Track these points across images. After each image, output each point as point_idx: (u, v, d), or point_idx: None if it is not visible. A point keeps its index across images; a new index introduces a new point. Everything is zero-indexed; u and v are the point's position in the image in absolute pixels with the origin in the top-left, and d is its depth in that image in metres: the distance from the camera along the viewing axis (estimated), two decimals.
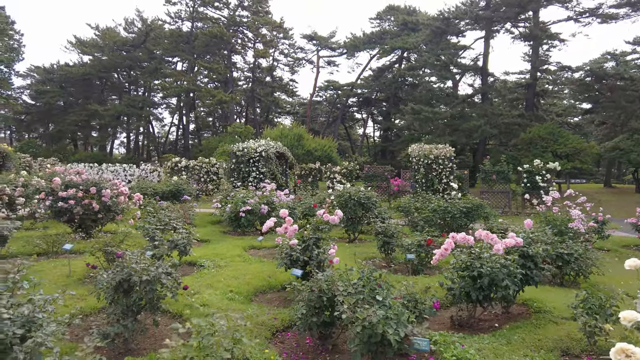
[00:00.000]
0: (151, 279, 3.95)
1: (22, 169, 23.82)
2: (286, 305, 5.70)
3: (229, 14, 44.64)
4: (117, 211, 9.28)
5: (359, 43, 43.03)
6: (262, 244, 9.71)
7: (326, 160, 24.61)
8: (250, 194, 11.03)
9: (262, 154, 15.23)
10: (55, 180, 8.59)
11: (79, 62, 50.24)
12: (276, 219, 6.54)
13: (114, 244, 6.21)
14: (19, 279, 3.43)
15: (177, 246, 6.71)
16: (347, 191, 10.55)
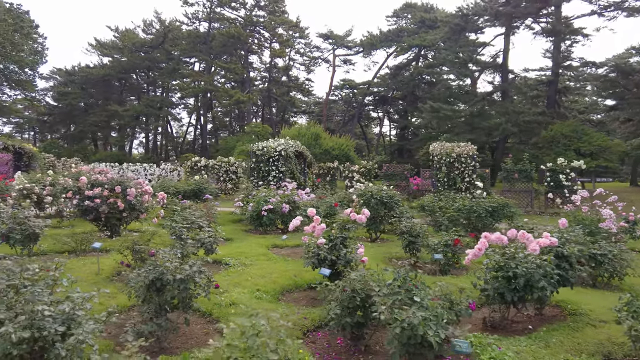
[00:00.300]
0: (185, 277, 3.95)
1: (47, 168, 24.36)
2: (314, 305, 5.65)
3: (246, 14, 44.87)
4: (141, 210, 9.37)
5: (376, 41, 42.77)
6: (284, 243, 9.69)
7: (344, 159, 24.49)
8: (272, 192, 11.03)
9: (282, 153, 15.24)
10: (82, 179, 8.72)
11: (99, 63, 51.22)
12: (302, 218, 6.51)
13: (142, 243, 6.25)
14: (58, 277, 3.46)
15: (203, 245, 6.73)
16: (369, 190, 10.46)
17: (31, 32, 43.17)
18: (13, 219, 6.79)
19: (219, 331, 4.69)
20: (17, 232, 6.64)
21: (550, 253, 5.28)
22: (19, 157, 22.44)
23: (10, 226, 6.69)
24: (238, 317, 4.91)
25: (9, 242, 6.81)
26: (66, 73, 51.10)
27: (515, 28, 30.37)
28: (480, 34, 33.93)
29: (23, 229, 6.68)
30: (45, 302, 3.07)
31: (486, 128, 27.33)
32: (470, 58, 29.96)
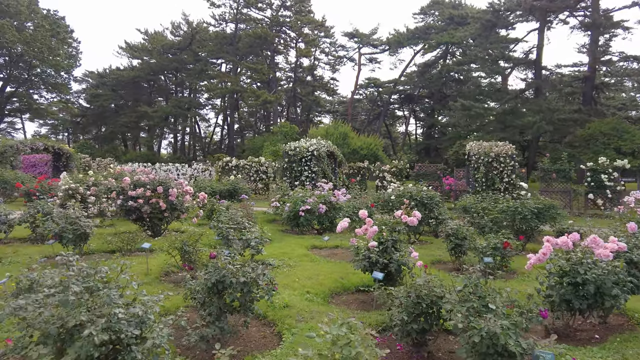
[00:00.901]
0: (248, 280, 3.90)
1: (83, 168, 25.09)
2: (366, 309, 5.54)
3: (272, 14, 45.08)
4: (182, 210, 9.45)
5: (403, 39, 42.23)
6: (323, 244, 9.62)
7: (372, 158, 24.26)
8: (308, 193, 10.96)
9: (314, 153, 15.17)
10: (125, 180, 8.86)
11: (129, 66, 52.50)
12: (349, 220, 6.40)
13: (190, 243, 6.27)
14: (129, 279, 3.46)
15: (250, 245, 6.71)
16: (409, 191, 10.26)
17: (66, 37, 44.65)
18: (65, 219, 6.93)
19: (276, 334, 4.64)
20: (69, 232, 6.78)
21: (618, 259, 5.01)
22: (58, 158, 23.21)
23: (62, 226, 6.83)
24: (292, 319, 4.85)
25: (62, 241, 6.95)
26: (98, 75, 52.61)
27: (550, 22, 29.38)
28: (511, 30, 33.01)
29: (74, 228, 6.81)
30: (119, 304, 3.06)
31: (519, 126, 26.54)
32: (502, 55, 29.16)
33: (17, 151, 20.93)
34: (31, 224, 8.33)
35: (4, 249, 7.72)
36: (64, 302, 2.88)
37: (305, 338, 4.27)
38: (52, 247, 7.32)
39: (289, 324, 4.64)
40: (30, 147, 21.65)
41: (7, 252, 7.46)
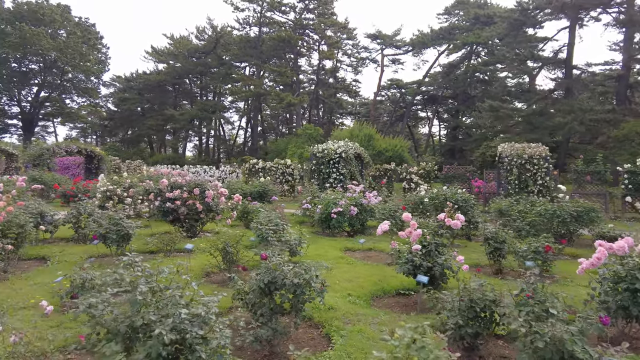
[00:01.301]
0: (301, 282, 3.92)
1: (113, 170, 25.77)
2: (408, 312, 5.49)
3: (295, 17, 45.37)
4: (217, 211, 9.59)
5: (427, 39, 41.86)
6: (357, 246, 9.60)
7: (397, 160, 24.11)
8: (339, 195, 10.95)
9: (342, 155, 15.17)
10: (163, 181, 9.04)
11: (154, 70, 53.76)
12: (390, 222, 6.36)
13: (232, 244, 6.35)
14: (189, 279, 3.53)
15: (289, 247, 6.75)
16: (443, 193, 10.14)
17: (96, 43, 46.09)
18: (109, 220, 7.13)
19: (323, 336, 4.64)
20: (113, 233, 6.96)
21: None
22: (90, 160, 23.88)
23: (106, 227, 7.02)
24: (339, 321, 4.85)
25: (106, 242, 7.14)
26: (125, 80, 54.05)
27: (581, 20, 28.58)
28: (539, 29, 32.32)
29: (118, 229, 6.99)
30: (183, 304, 3.13)
31: (549, 127, 25.90)
32: (531, 54, 28.51)
33: (53, 154, 21.65)
34: (74, 224, 8.59)
35: (51, 248, 7.99)
36: (133, 302, 2.96)
37: (357, 340, 4.26)
38: (97, 247, 7.53)
39: (336, 326, 4.64)
40: (65, 149, 22.36)
41: (55, 251, 7.71)
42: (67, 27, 42.84)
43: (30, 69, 43.18)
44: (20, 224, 6.80)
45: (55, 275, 6.33)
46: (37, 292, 5.56)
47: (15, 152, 26.85)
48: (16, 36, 37.56)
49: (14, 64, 41.75)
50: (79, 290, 5.11)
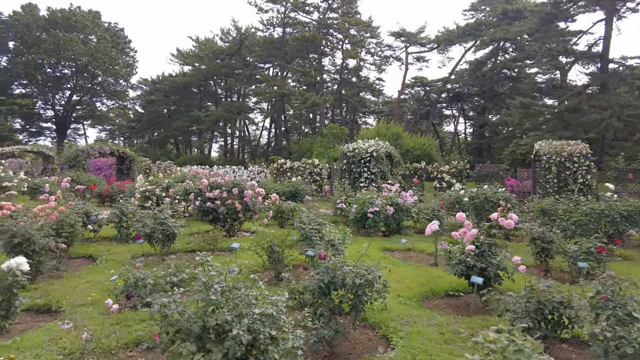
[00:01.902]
0: (364, 282, 3.85)
1: (143, 171, 26.30)
2: (462, 314, 5.34)
3: (319, 17, 45.38)
4: (255, 210, 9.62)
5: (453, 36, 41.18)
6: (393, 246, 9.48)
7: (426, 159, 23.76)
8: (375, 194, 10.84)
9: (373, 154, 15.03)
10: (203, 182, 9.13)
11: (180, 72, 54.71)
12: (439, 222, 6.23)
13: (278, 243, 6.34)
14: (257, 279, 3.51)
15: (333, 246, 6.69)
16: (483, 192, 9.90)
17: (125, 47, 47.26)
18: (154, 219, 7.23)
19: (381, 337, 4.56)
20: (159, 232, 7.05)
21: None
22: (122, 161, 24.44)
23: (152, 227, 7.12)
24: (395, 322, 4.76)
25: (151, 241, 7.25)
26: (151, 82, 55.21)
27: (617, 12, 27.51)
28: (571, 22, 31.29)
29: (164, 229, 7.07)
30: (254, 303, 3.10)
31: (583, 124, 25.03)
32: (565, 49, 27.60)
33: (88, 155, 22.26)
34: (117, 224, 8.76)
35: (97, 247, 8.17)
36: (207, 302, 2.94)
37: (419, 342, 4.16)
38: (141, 246, 7.65)
39: (393, 327, 4.55)
40: (99, 151, 22.95)
41: (102, 250, 7.89)
42: (97, 33, 44.08)
43: (63, 74, 44.61)
44: (71, 224, 6.97)
45: (105, 273, 6.47)
46: (92, 289, 5.68)
47: (51, 154, 27.80)
48: (51, 42, 38.86)
49: (48, 69, 43.21)
50: (132, 289, 5.19)
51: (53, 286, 5.82)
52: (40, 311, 5.23)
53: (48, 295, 5.48)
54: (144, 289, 5.26)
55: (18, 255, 6.03)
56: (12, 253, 5.97)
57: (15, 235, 5.82)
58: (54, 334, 4.32)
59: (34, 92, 46.35)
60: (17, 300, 4.61)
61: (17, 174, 17.49)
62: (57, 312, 5.18)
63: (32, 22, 39.51)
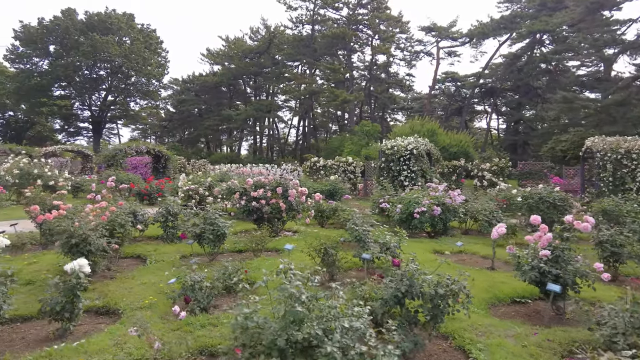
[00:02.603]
0: (446, 292, 3.56)
1: (178, 169, 26.68)
2: (534, 323, 4.97)
3: (348, 13, 44.93)
4: (299, 210, 9.43)
5: (487, 30, 39.89)
6: (442, 248, 9.11)
7: (463, 156, 23.05)
8: (421, 193, 10.47)
9: (413, 151, 14.61)
10: (248, 181, 9.01)
11: (210, 71, 55.40)
12: (505, 225, 5.84)
13: (331, 245, 6.11)
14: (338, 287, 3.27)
15: (388, 248, 6.41)
16: (538, 192, 9.38)
17: (157, 48, 48.19)
18: (203, 219, 7.13)
19: (456, 348, 4.25)
20: (209, 232, 6.94)
21: None
22: (157, 160, 24.86)
23: (202, 227, 7.02)
24: (469, 333, 4.45)
25: (201, 241, 7.15)
26: (182, 82, 56.13)
27: None
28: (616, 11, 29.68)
29: (214, 229, 6.96)
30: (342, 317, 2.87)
31: (633, 118, 23.69)
32: (613, 39, 26.17)
33: (125, 154, 22.72)
34: (163, 223, 8.74)
35: (144, 247, 8.17)
36: (294, 314, 2.73)
37: (501, 356, 3.84)
38: (189, 246, 7.58)
39: (469, 338, 4.24)
40: (136, 150, 23.40)
41: (150, 250, 7.87)
42: (130, 34, 45.12)
43: (99, 75, 45.93)
44: (122, 224, 6.96)
45: (157, 274, 6.40)
46: (147, 291, 5.60)
47: (90, 154, 28.61)
48: (88, 45, 40.02)
49: (86, 71, 44.57)
50: (190, 292, 5.07)
51: (108, 287, 5.78)
52: (99, 313, 5.19)
53: (105, 296, 5.44)
54: (200, 292, 5.14)
55: (75, 255, 6.05)
56: (69, 254, 5.98)
57: (72, 236, 5.82)
58: (117, 338, 4.24)
59: (72, 94, 47.95)
60: (80, 302, 4.56)
61: (62, 172, 18.03)
62: (114, 313, 5.12)
63: (71, 26, 40.80)
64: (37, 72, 43.44)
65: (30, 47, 41.64)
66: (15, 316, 4.91)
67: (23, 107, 49.16)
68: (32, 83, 42.97)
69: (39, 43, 41.34)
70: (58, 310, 4.40)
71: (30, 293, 5.56)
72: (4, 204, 14.77)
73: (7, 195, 15.37)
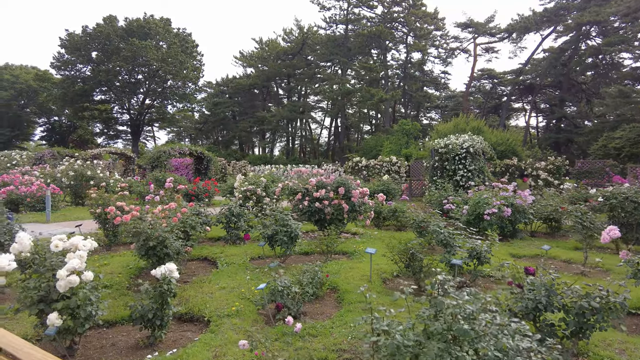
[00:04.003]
0: (602, 305, 3.07)
1: (219, 170, 26.82)
2: None
3: (383, 11, 44.26)
4: (361, 211, 9.04)
5: (530, 23, 38.33)
6: (519, 252, 8.50)
7: (510, 155, 22.08)
8: (489, 194, 9.86)
9: (470, 149, 13.94)
10: (311, 181, 8.70)
11: (243, 74, 55.86)
12: (616, 228, 5.24)
13: (418, 249, 5.67)
14: (497, 300, 2.84)
15: (478, 254, 5.90)
16: (621, 191, 8.62)
17: (193, 52, 48.94)
18: (275, 220, 6.84)
19: None
20: (283, 234, 6.64)
21: None
22: (199, 161, 25.03)
23: (274, 228, 6.73)
24: (602, 350, 3.92)
25: (272, 243, 6.87)
26: (216, 85, 56.87)
27: None
28: None
29: (287, 230, 6.65)
30: (511, 336, 2.44)
31: None
32: None
33: (169, 156, 22.96)
34: (226, 224, 8.54)
35: (210, 249, 7.97)
36: (462, 333, 2.32)
37: None
38: (262, 249, 7.32)
39: (609, 356, 3.71)
40: (179, 151, 23.63)
41: (216, 252, 7.66)
42: (167, 39, 46.00)
43: (137, 79, 47.06)
44: (192, 226, 6.77)
45: (233, 278, 6.14)
46: (229, 297, 5.33)
47: (132, 156, 29.18)
48: (128, 50, 41.05)
49: (125, 75, 45.77)
50: (280, 299, 4.76)
51: (187, 292, 5.55)
52: (182, 319, 4.95)
53: (187, 302, 5.20)
54: (289, 298, 4.83)
55: (151, 258, 5.88)
56: (145, 256, 5.80)
57: (149, 238, 5.63)
58: (215, 349, 3.96)
59: (112, 98, 49.36)
60: (170, 310, 4.32)
61: (112, 174, 18.33)
62: (199, 321, 4.87)
63: (112, 33, 41.95)
64: (80, 78, 44.94)
65: (75, 54, 43.10)
66: (100, 320, 4.73)
67: (67, 112, 51.06)
68: (76, 89, 44.49)
69: (83, 50, 42.73)
70: (150, 317, 4.18)
71: (109, 296, 5.40)
72: (59, 205, 15.09)
73: (61, 196, 15.70)
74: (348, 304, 5.12)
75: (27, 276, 4.07)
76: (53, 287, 3.90)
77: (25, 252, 4.20)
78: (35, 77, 49.00)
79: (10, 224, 7.78)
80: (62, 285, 3.70)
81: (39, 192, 14.22)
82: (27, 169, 18.22)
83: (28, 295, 3.87)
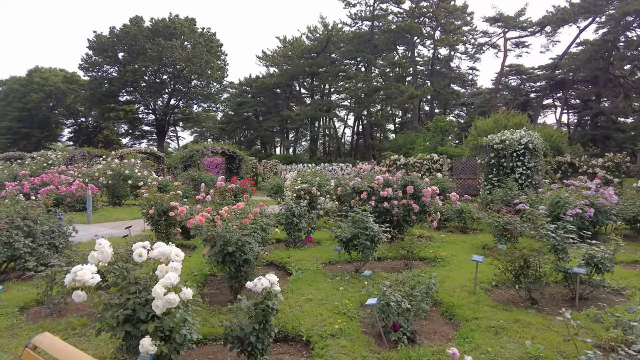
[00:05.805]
0: None
1: (250, 170, 26.35)
2: None
3: (411, 6, 43.20)
4: (430, 212, 8.28)
5: (567, 15, 36.73)
6: (619, 257, 7.60)
7: (555, 152, 20.93)
8: (567, 193, 8.99)
9: (529, 145, 13.01)
10: (378, 179, 7.99)
11: (267, 73, 55.45)
12: None
13: (533, 255, 4.90)
14: None
15: (598, 262, 5.10)
16: None
17: (217, 51, 48.77)
18: (353, 222, 6.16)
19: None
20: (364, 237, 5.95)
21: None
22: (231, 160, 24.62)
23: (353, 231, 6.04)
24: None
25: (349, 248, 6.19)
26: (240, 84, 56.59)
27: None
28: None
29: (368, 234, 5.96)
30: None
31: None
32: None
33: (202, 155, 22.59)
34: (286, 225, 7.92)
35: (276, 253, 7.31)
36: None
37: None
38: (338, 254, 6.66)
39: None
40: (211, 150, 23.24)
41: (283, 257, 7.03)
42: (192, 39, 45.92)
43: (162, 80, 47.13)
44: (263, 227, 6.13)
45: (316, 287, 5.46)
46: (320, 310, 4.66)
47: (161, 155, 29.00)
48: (154, 50, 41.07)
49: (150, 76, 45.90)
50: (394, 316, 4.05)
51: None
52: (276, 339, 4.26)
53: (275, 317, 4.53)
54: (401, 317, 4.12)
55: (227, 265, 5.25)
56: (223, 264, 5.18)
57: (228, 243, 5.01)
58: None
59: (137, 98, 49.62)
60: (273, 331, 3.66)
61: (150, 173, 18.00)
62: (295, 340, 4.21)
63: (139, 33, 42.05)
64: (107, 79, 45.26)
65: (102, 55, 43.38)
66: None
67: (94, 113, 51.57)
68: (103, 90, 44.81)
69: (110, 51, 42.98)
70: (252, 341, 3.53)
71: None
72: (97, 205, 14.75)
73: (99, 196, 15.38)
74: (465, 322, 4.39)
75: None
76: (139, 304, 3.30)
77: (105, 261, 3.61)
78: (63, 80, 49.66)
79: (61, 225, 7.34)
80: (160, 305, 3.07)
81: (78, 191, 13.91)
82: (62, 168, 18.02)
83: (114, 315, 3.27)
